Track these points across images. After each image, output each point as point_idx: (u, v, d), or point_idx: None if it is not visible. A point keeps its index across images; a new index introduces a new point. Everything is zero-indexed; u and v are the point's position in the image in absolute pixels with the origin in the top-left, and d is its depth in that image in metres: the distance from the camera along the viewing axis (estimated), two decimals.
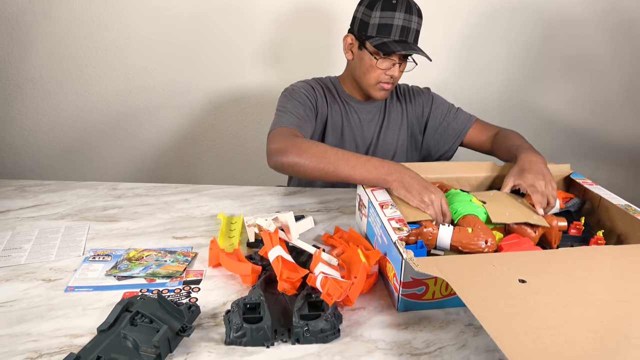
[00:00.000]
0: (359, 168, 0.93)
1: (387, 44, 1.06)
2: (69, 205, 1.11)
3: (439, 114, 1.27)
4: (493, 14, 1.69)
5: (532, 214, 0.90)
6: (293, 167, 0.98)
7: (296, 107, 1.13)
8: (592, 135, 1.86)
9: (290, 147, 0.98)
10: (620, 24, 1.68)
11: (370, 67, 1.12)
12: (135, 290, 0.79)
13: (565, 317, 0.57)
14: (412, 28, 1.07)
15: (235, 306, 0.69)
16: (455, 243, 0.81)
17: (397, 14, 1.05)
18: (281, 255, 0.78)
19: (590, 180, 1.04)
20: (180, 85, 1.75)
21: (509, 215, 0.88)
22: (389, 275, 0.78)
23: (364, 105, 1.25)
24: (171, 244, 0.94)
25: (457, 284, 0.62)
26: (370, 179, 0.93)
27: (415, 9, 1.08)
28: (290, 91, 1.19)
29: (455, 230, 0.82)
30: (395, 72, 1.12)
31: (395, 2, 1.06)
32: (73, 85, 1.73)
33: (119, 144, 1.83)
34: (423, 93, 1.30)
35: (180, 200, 1.15)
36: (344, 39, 1.17)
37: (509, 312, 0.58)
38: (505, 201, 0.94)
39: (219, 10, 1.64)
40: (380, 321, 0.72)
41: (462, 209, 0.88)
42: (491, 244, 0.80)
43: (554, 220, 0.88)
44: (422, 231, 0.82)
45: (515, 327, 0.55)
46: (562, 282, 0.65)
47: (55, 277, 0.82)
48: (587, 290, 0.63)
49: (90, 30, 1.64)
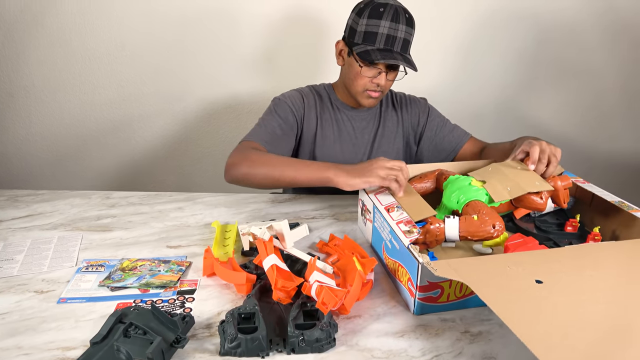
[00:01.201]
0: (302, 170, 0.99)
1: (369, 52, 1.06)
2: (62, 215, 1.10)
3: (434, 126, 1.27)
4: (488, 20, 1.70)
5: (534, 181, 0.88)
6: (245, 178, 1.04)
7: (274, 121, 1.16)
8: (585, 140, 1.87)
9: (242, 160, 1.04)
10: (614, 29, 1.70)
11: (357, 75, 1.11)
12: (129, 301, 0.78)
13: (588, 316, 0.59)
14: (398, 37, 1.05)
15: (230, 316, 0.68)
16: (464, 233, 0.80)
17: (383, 22, 1.04)
18: (276, 263, 0.77)
19: (582, 179, 1.05)
20: (174, 92, 1.74)
21: (511, 190, 0.87)
22: (403, 279, 0.78)
23: (358, 113, 1.24)
24: (165, 254, 0.93)
25: (477, 287, 0.63)
26: (313, 178, 0.97)
27: (403, 17, 1.05)
28: (277, 102, 1.20)
29: (462, 220, 0.81)
30: (381, 81, 1.11)
31: (382, 10, 1.05)
32: (66, 93, 1.72)
33: (113, 151, 1.82)
34: (419, 103, 1.30)
35: (174, 208, 1.14)
36: (336, 45, 1.17)
37: (532, 314, 0.59)
38: (505, 173, 0.93)
39: (212, 17, 1.64)
40: (376, 329, 0.72)
41: (464, 197, 0.87)
42: (499, 227, 0.79)
43: (557, 181, 0.87)
44: (429, 228, 0.82)
45: (541, 328, 0.56)
46: (576, 281, 0.66)
47: (47, 288, 0.81)
48: (601, 287, 0.65)
49: (83, 38, 1.64)
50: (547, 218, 1.02)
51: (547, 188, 0.85)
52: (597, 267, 0.70)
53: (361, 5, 1.09)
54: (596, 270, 0.70)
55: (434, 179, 1.01)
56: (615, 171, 1.93)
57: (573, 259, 0.73)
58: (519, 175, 0.90)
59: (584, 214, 1.00)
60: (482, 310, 0.75)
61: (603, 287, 0.65)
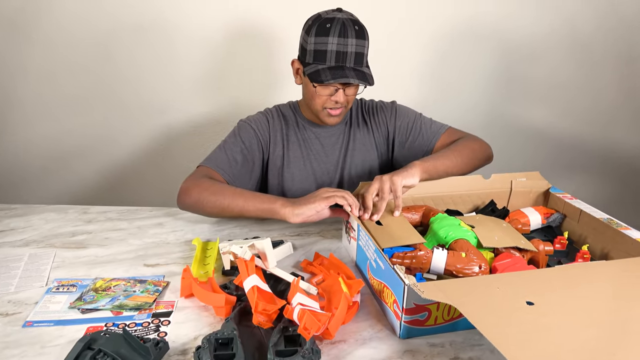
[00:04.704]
0: (250, 200, 0.99)
1: (320, 72, 1.02)
2: (35, 231, 1.05)
3: (404, 130, 1.21)
4: (468, 33, 1.69)
5: (520, 238, 0.89)
6: (194, 205, 1.04)
7: (236, 145, 1.13)
8: (570, 147, 1.88)
9: (193, 187, 1.04)
10: (576, 44, 1.71)
11: (313, 94, 1.07)
12: (100, 324, 0.73)
13: (581, 340, 0.57)
14: (349, 52, 1.01)
15: (206, 342, 0.64)
16: (450, 267, 0.79)
17: (331, 38, 1.00)
18: (257, 285, 0.74)
19: (570, 195, 1.04)
20: (156, 104, 1.70)
21: (498, 240, 0.87)
22: (388, 301, 0.75)
23: (325, 130, 1.20)
24: (142, 272, 0.89)
25: (466, 309, 0.61)
26: (260, 209, 0.98)
27: (352, 31, 1.01)
28: (242, 126, 1.17)
29: (449, 254, 0.81)
30: (339, 98, 1.06)
31: (329, 26, 1.00)
32: (43, 105, 1.67)
33: (92, 164, 1.77)
34: (385, 109, 1.23)
35: (154, 224, 1.10)
36: (292, 64, 1.12)
37: (525, 338, 0.57)
38: (491, 225, 0.93)
39: (192, 28, 1.61)
40: (362, 356, 0.68)
41: (453, 233, 0.87)
42: (484, 268, 0.79)
43: (540, 245, 0.89)
44: (417, 254, 0.81)
45: (535, 353, 0.54)
46: (568, 303, 0.65)
47: (13, 310, 0.76)
48: (594, 309, 0.63)
49: (64, 51, 1.60)
50: (535, 235, 1.01)
51: (531, 248, 0.87)
52: (589, 288, 0.69)
53: (309, 22, 1.05)
54: (588, 291, 0.68)
55: (421, 213, 1.00)
56: (599, 173, 1.93)
57: (563, 279, 0.71)
58: (505, 230, 0.92)
59: (572, 231, 0.99)
60: (472, 335, 0.72)
61: (596, 308, 0.64)
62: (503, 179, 1.07)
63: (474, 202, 1.08)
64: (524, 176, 1.07)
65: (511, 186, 1.07)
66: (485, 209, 1.06)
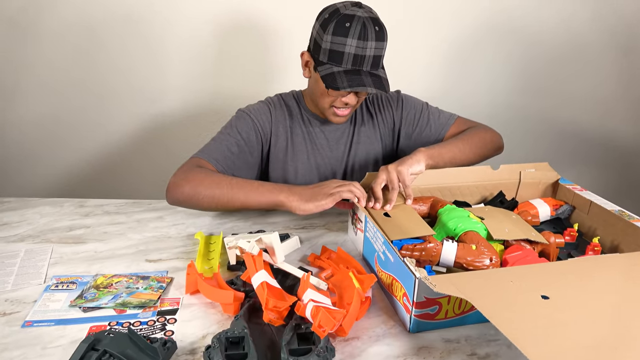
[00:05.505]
0: (252, 193, 0.94)
1: (335, 77, 0.96)
2: (30, 226, 1.01)
3: (410, 121, 1.18)
4: (483, 23, 1.67)
5: (531, 230, 0.87)
6: (188, 200, 0.96)
7: (232, 137, 1.07)
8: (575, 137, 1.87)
9: (185, 180, 0.96)
10: (609, 27, 1.70)
11: (323, 92, 1.02)
12: (104, 323, 0.71)
13: (600, 336, 0.56)
14: (367, 55, 0.95)
15: (217, 341, 0.62)
16: (460, 260, 0.77)
17: (349, 40, 0.93)
18: (266, 280, 0.71)
19: (580, 186, 1.02)
20: (152, 93, 1.66)
21: (509, 232, 0.85)
22: (397, 294, 0.73)
23: (331, 124, 1.15)
24: (144, 268, 0.86)
25: (481, 304, 0.59)
26: (263, 202, 0.93)
27: (372, 32, 0.94)
28: (240, 116, 1.11)
29: (460, 247, 0.79)
30: (350, 100, 1.03)
31: (348, 25, 0.93)
32: (36, 93, 1.62)
33: (85, 156, 1.73)
34: (391, 100, 1.19)
35: (154, 218, 1.07)
36: (301, 56, 1.05)
37: (541, 333, 0.55)
38: (500, 217, 0.91)
39: (192, 16, 1.57)
40: (376, 353, 0.66)
41: (463, 225, 0.85)
42: (495, 261, 0.77)
43: (551, 237, 0.87)
44: (427, 247, 0.79)
45: (552, 349, 0.53)
46: (582, 297, 0.63)
47: (11, 309, 0.73)
48: (610, 304, 0.62)
49: (56, 38, 1.55)
50: (544, 227, 0.99)
51: (542, 241, 0.85)
52: (603, 282, 0.68)
53: (325, 15, 0.97)
54: (602, 285, 0.67)
55: (429, 205, 0.98)
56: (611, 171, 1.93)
57: (578, 273, 0.70)
58: (515, 222, 0.90)
59: (581, 223, 0.97)
60: (487, 329, 0.71)
61: (610, 303, 0.63)
62: (512, 170, 1.05)
63: (481, 193, 1.06)
64: (533, 167, 1.06)
65: (520, 177, 1.05)
66: (494, 200, 1.04)
